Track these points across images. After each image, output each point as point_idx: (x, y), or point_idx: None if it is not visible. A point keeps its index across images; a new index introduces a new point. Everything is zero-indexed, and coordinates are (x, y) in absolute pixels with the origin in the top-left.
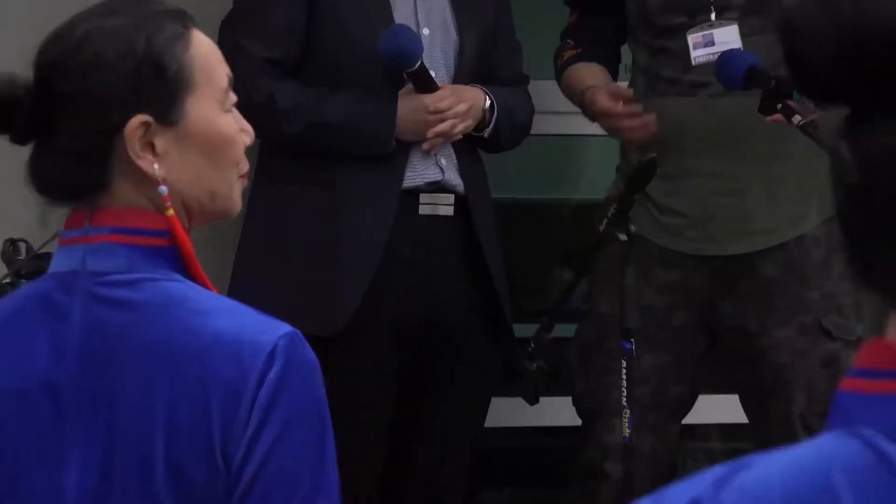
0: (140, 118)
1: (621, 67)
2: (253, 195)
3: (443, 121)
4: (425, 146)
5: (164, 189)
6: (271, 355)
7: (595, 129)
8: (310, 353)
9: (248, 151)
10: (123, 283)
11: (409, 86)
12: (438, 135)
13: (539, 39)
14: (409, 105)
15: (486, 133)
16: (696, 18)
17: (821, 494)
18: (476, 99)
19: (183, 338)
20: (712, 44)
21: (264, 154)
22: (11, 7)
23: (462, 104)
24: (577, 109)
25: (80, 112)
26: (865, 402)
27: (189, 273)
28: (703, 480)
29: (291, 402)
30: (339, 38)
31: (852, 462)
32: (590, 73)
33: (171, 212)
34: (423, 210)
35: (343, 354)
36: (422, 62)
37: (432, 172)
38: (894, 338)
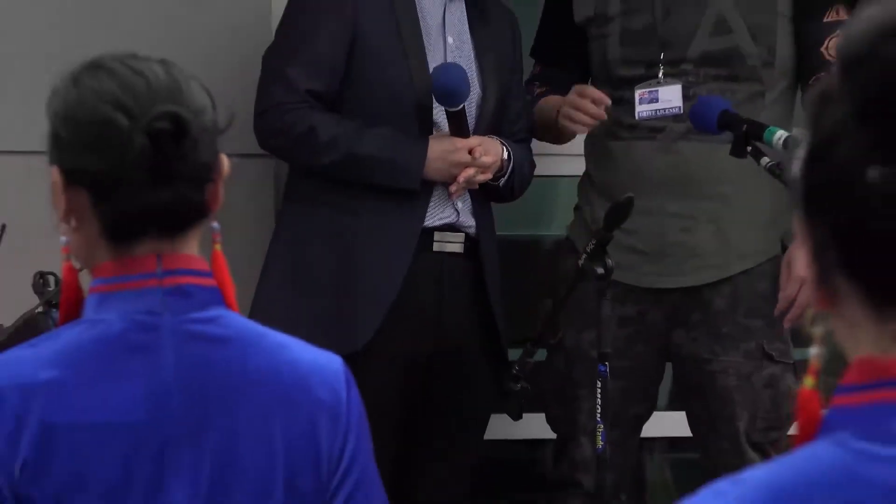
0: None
1: None
2: (282, 216)
3: (469, 167)
4: (453, 189)
5: (216, 225)
6: (347, 381)
7: (565, 170)
8: None
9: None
10: (207, 321)
11: (441, 130)
12: (465, 180)
13: None
14: (441, 146)
15: (502, 183)
16: (652, 70)
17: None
18: (498, 153)
19: (283, 368)
20: (656, 100)
21: (294, 176)
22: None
23: (487, 157)
24: (552, 151)
25: (203, 149)
26: (844, 412)
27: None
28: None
29: (362, 419)
30: (374, 77)
31: (829, 461)
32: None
33: (218, 246)
34: (435, 247)
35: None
36: (464, 105)
37: (449, 213)
38: (870, 354)
